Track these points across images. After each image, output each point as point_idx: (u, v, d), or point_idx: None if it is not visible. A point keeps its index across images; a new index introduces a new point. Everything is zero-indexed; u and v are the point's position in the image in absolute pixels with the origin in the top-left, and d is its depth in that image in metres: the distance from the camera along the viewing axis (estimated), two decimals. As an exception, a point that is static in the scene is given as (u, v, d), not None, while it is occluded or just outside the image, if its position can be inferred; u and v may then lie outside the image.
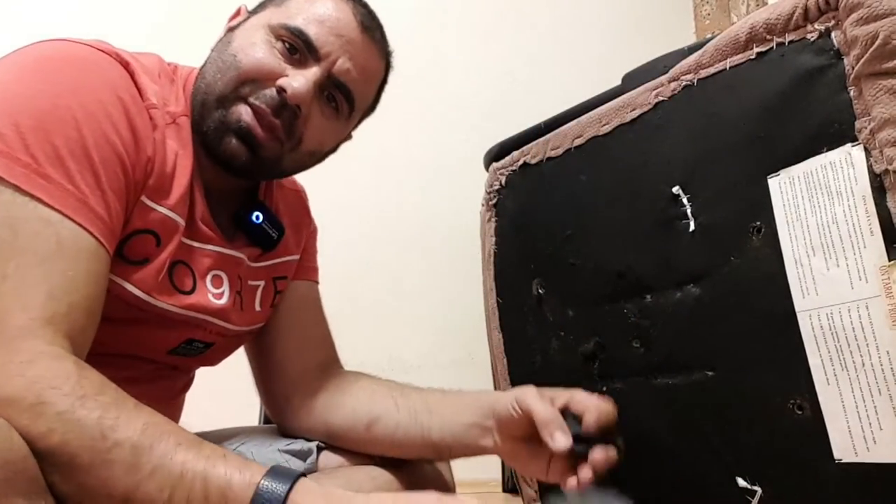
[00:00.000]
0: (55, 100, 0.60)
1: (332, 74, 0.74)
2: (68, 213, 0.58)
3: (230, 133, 0.71)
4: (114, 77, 0.65)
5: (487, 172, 1.18)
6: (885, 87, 0.63)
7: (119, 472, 0.50)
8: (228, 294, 0.78)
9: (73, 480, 0.50)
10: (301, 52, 0.73)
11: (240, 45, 0.73)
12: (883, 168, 0.63)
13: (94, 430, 0.50)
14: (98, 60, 0.65)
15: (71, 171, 0.59)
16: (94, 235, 0.60)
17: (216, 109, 0.72)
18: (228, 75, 0.72)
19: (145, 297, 0.68)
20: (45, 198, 0.57)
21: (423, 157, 2.12)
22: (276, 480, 0.53)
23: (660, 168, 0.85)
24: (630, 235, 0.90)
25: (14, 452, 0.47)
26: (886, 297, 0.63)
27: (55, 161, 0.59)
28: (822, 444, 0.68)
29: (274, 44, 0.73)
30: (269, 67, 0.72)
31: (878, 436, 0.64)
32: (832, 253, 0.67)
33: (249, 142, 0.71)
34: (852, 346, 0.66)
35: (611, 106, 0.93)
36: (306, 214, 0.96)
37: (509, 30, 2.22)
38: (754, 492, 0.76)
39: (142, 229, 0.67)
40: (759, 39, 0.74)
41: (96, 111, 0.62)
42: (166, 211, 0.69)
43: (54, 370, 0.52)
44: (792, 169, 0.71)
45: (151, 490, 0.51)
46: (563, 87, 1.55)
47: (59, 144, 0.59)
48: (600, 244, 0.94)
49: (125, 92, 0.65)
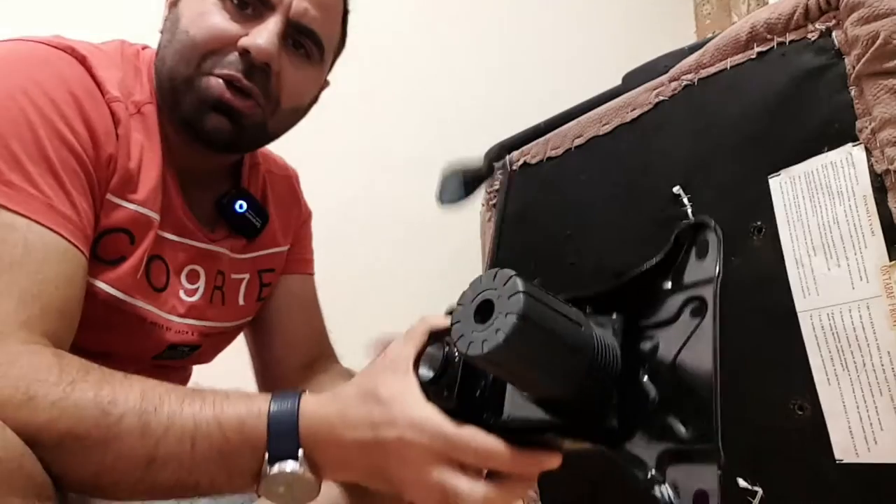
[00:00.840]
0: (6, 101, 0.59)
1: (291, 20, 0.70)
2: (34, 217, 0.57)
3: (207, 109, 0.69)
4: (66, 74, 0.63)
5: (487, 172, 1.18)
6: (886, 86, 0.63)
7: (133, 440, 0.50)
8: (203, 290, 0.76)
9: (90, 462, 0.50)
10: (252, 6, 0.70)
11: (189, 20, 0.70)
12: (884, 168, 0.63)
13: (95, 410, 0.50)
14: (48, 57, 0.64)
15: (32, 175, 0.58)
16: (64, 237, 0.58)
17: (186, 92, 0.69)
18: (187, 55, 0.69)
19: (123, 296, 0.67)
20: (9, 204, 0.56)
21: (422, 157, 2.12)
22: (282, 401, 0.54)
23: (660, 168, 0.85)
24: (630, 235, 0.89)
25: (8, 451, 0.46)
26: (887, 297, 0.63)
27: (14, 166, 0.57)
28: (823, 444, 0.68)
29: (223, 5, 0.70)
30: (225, 33, 0.69)
31: (879, 436, 0.64)
32: (833, 253, 0.67)
33: (229, 113, 0.69)
34: (853, 346, 0.65)
35: (611, 106, 0.93)
36: (296, 201, 0.93)
37: (509, 29, 2.22)
38: (755, 492, 0.76)
39: (112, 228, 0.66)
40: (760, 39, 0.74)
41: (49, 111, 0.60)
42: (136, 207, 0.67)
43: (35, 364, 0.51)
44: (792, 169, 0.71)
45: (171, 446, 0.51)
46: (563, 87, 1.55)
47: (17, 149, 0.58)
48: (600, 244, 0.94)
49: (80, 88, 0.63)
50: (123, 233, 0.67)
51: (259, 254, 0.85)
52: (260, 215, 0.82)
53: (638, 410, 0.42)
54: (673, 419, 0.41)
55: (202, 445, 0.52)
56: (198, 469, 0.52)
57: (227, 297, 0.80)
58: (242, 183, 0.84)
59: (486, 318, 0.41)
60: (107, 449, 0.50)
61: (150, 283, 0.70)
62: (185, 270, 0.75)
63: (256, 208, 0.82)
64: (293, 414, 0.53)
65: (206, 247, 0.76)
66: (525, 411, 0.44)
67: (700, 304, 0.41)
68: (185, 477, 0.52)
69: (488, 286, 0.41)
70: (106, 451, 0.50)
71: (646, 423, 0.42)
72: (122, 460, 0.51)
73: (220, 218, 0.80)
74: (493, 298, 0.41)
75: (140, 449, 0.51)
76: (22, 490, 0.46)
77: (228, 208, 0.79)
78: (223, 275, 0.80)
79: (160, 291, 0.71)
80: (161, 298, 0.72)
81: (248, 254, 0.83)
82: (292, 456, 0.52)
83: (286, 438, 0.52)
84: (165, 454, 0.51)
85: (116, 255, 0.66)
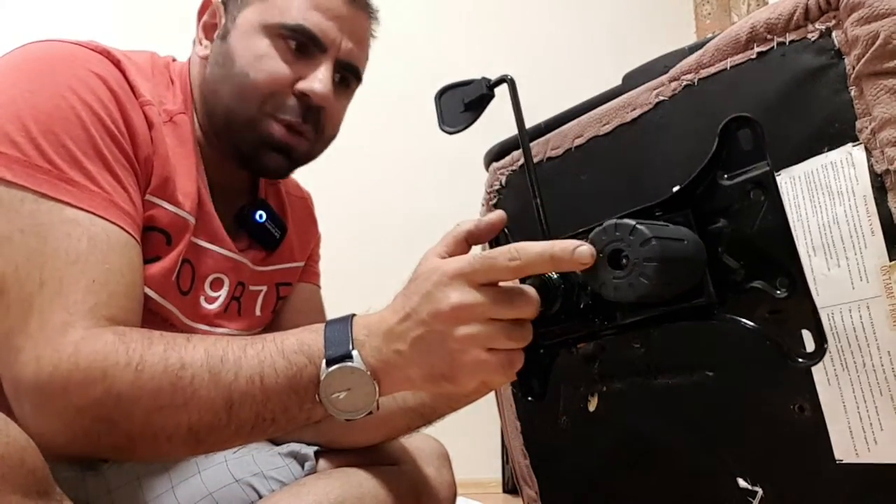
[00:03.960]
0: (56, 100, 0.61)
1: (340, 59, 0.76)
2: (97, 212, 0.60)
3: (267, 149, 0.74)
4: (105, 74, 0.65)
5: (487, 172, 1.18)
6: (885, 86, 0.63)
7: (209, 393, 0.54)
8: (224, 299, 0.78)
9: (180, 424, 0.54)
10: (307, 48, 0.74)
11: (247, 61, 0.73)
12: (884, 168, 0.63)
13: (168, 380, 0.54)
14: (88, 58, 0.65)
15: (91, 172, 0.60)
16: (124, 229, 0.61)
17: (247, 132, 0.74)
18: (248, 96, 0.73)
19: (155, 295, 0.68)
20: (73, 201, 0.58)
21: (422, 157, 2.12)
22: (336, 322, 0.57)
23: (660, 168, 0.85)
24: (630, 235, 0.90)
25: (10, 446, 0.46)
26: (887, 297, 0.63)
27: (73, 164, 0.60)
28: (823, 444, 0.68)
29: (279, 46, 0.73)
30: (284, 77, 0.73)
31: (879, 436, 0.64)
32: (833, 253, 0.67)
33: (286, 152, 0.75)
34: (853, 346, 0.65)
35: (611, 106, 0.93)
36: (313, 223, 0.97)
37: (510, 30, 2.22)
38: (755, 492, 0.76)
39: (151, 227, 0.67)
40: (760, 39, 0.74)
41: (98, 108, 0.63)
42: (174, 208, 0.69)
43: (100, 349, 0.54)
44: (793, 169, 0.71)
45: (243, 386, 0.54)
46: (563, 87, 1.55)
47: (72, 147, 0.60)
48: (600, 244, 0.94)
49: (118, 88, 0.66)
50: (161, 233, 0.69)
51: (277, 267, 0.87)
52: (278, 226, 0.85)
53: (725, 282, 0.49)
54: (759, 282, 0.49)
55: (270, 378, 0.55)
56: (271, 402, 0.55)
57: (243, 308, 0.82)
58: (260, 194, 0.86)
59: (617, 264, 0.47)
60: (188, 408, 0.54)
61: (178, 286, 0.71)
62: (211, 278, 0.76)
63: (275, 219, 0.85)
64: (347, 319, 0.56)
65: (232, 256, 0.78)
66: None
67: (758, 185, 0.49)
68: (262, 411, 0.55)
69: (612, 238, 0.48)
70: (189, 411, 0.54)
71: (735, 291, 0.49)
72: (205, 413, 0.54)
73: (241, 229, 0.82)
74: (622, 248, 0.47)
75: (218, 399, 0.54)
76: (22, 487, 0.46)
77: (249, 218, 0.82)
78: (243, 286, 0.81)
79: (185, 295, 0.73)
80: (185, 302, 0.73)
81: (268, 266, 0.85)
82: (348, 356, 0.54)
83: (340, 337, 0.55)
84: (240, 396, 0.54)
85: (153, 254, 0.68)
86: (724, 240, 0.50)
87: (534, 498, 1.07)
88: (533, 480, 1.07)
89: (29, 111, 0.59)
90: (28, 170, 0.58)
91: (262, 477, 0.76)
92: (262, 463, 0.77)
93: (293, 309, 0.90)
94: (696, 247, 0.50)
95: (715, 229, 0.50)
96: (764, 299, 0.48)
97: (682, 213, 0.52)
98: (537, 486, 1.06)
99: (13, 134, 0.58)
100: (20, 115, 0.59)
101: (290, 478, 0.77)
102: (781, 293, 0.48)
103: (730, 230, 0.50)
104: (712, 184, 0.51)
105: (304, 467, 0.78)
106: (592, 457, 0.98)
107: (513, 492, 1.75)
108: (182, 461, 0.76)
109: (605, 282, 0.48)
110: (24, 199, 0.57)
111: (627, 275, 0.47)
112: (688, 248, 0.49)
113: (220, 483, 0.75)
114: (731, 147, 0.50)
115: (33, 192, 0.57)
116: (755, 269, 0.49)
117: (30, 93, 0.60)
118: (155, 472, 0.75)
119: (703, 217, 0.51)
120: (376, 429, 0.78)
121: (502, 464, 1.84)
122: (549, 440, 1.03)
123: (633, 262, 0.47)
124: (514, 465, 1.13)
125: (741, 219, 0.49)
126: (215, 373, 0.54)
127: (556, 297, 0.53)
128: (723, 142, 0.50)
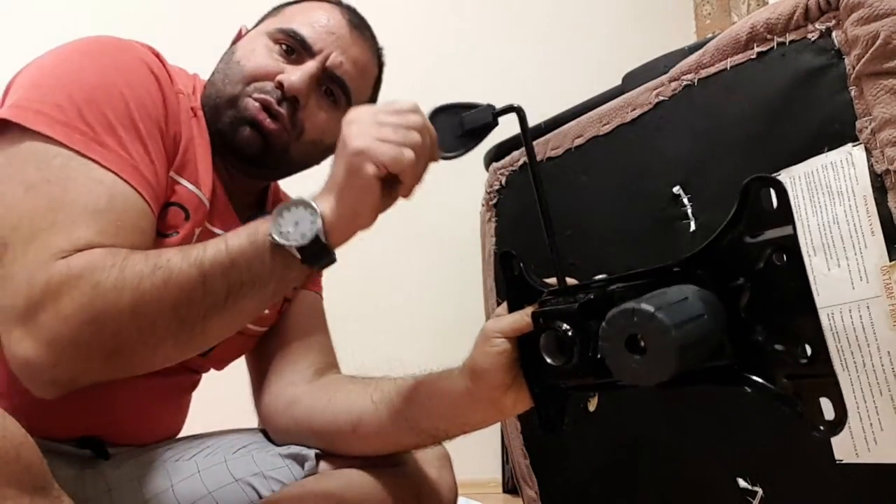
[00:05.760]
0: (102, 78, 0.67)
1: (327, 68, 0.80)
2: (122, 175, 0.64)
3: (243, 124, 0.78)
4: (148, 60, 0.73)
5: (487, 172, 1.18)
6: (885, 86, 0.63)
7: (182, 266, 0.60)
8: None
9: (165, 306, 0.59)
10: (297, 52, 0.80)
11: (243, 54, 0.82)
12: (884, 168, 0.63)
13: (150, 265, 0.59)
14: (133, 46, 0.74)
15: (123, 139, 0.65)
16: (144, 198, 0.66)
17: (228, 109, 0.79)
18: (235, 79, 0.79)
19: None
20: (101, 160, 0.63)
21: (422, 157, 2.12)
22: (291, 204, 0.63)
23: (660, 168, 0.85)
24: (630, 235, 0.90)
25: (6, 440, 0.46)
26: (887, 297, 0.63)
27: (108, 130, 0.65)
28: (823, 444, 0.68)
29: (272, 47, 0.81)
30: (269, 67, 0.79)
31: (879, 436, 0.64)
32: (833, 253, 0.67)
33: (259, 129, 0.78)
34: (853, 346, 0.65)
35: (611, 106, 0.93)
36: None
37: (509, 30, 2.22)
38: (755, 492, 0.76)
39: (173, 202, 0.72)
40: (760, 39, 0.74)
41: (138, 87, 0.69)
42: (192, 187, 0.75)
43: (88, 258, 0.58)
44: (793, 169, 0.71)
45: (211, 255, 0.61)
46: (563, 87, 1.55)
47: (111, 116, 0.65)
48: (600, 244, 0.94)
49: (159, 71, 0.73)
50: (181, 208, 0.74)
51: None
52: None
53: (746, 342, 0.49)
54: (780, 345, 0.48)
55: (232, 240, 0.62)
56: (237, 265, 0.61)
57: None
58: (267, 207, 0.91)
59: (635, 346, 0.46)
60: (168, 287, 0.59)
61: None
62: None
63: None
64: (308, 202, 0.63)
65: None
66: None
67: (780, 248, 0.47)
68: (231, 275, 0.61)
69: (630, 323, 0.46)
70: (169, 289, 0.59)
71: (755, 352, 0.49)
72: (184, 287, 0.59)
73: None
74: (639, 334, 0.46)
75: (189, 270, 0.60)
76: (17, 482, 0.46)
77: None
78: None
79: None
80: None
81: None
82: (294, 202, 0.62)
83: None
84: (210, 264, 0.60)
85: (173, 228, 0.73)
86: (745, 299, 0.49)
87: (534, 498, 1.07)
88: (533, 480, 1.07)
89: (76, 84, 0.65)
90: (67, 129, 0.62)
91: (262, 477, 0.76)
92: (262, 463, 0.78)
93: (296, 313, 0.91)
94: (716, 317, 0.48)
95: (736, 286, 0.49)
96: (785, 363, 0.48)
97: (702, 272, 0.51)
98: (537, 486, 1.06)
99: (60, 100, 0.64)
100: (67, 87, 0.65)
101: (290, 478, 0.77)
102: (803, 359, 0.47)
103: (751, 289, 0.48)
104: (734, 242, 0.50)
105: (305, 468, 0.78)
106: (592, 457, 0.98)
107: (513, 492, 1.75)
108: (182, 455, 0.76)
109: (622, 366, 0.47)
110: (58, 154, 0.62)
111: (646, 363, 0.46)
112: (707, 325, 0.47)
113: (219, 483, 0.75)
114: (754, 206, 0.49)
115: (68, 148, 0.62)
116: (776, 332, 0.48)
117: (79, 70, 0.67)
118: (154, 471, 0.75)
119: (724, 274, 0.50)
120: (381, 445, 0.78)
121: (502, 464, 1.84)
122: (549, 440, 1.03)
123: (652, 350, 0.45)
124: (514, 465, 1.13)
125: (763, 280, 0.48)
126: (185, 252, 0.61)
127: (573, 353, 0.54)
128: (744, 200, 0.49)
